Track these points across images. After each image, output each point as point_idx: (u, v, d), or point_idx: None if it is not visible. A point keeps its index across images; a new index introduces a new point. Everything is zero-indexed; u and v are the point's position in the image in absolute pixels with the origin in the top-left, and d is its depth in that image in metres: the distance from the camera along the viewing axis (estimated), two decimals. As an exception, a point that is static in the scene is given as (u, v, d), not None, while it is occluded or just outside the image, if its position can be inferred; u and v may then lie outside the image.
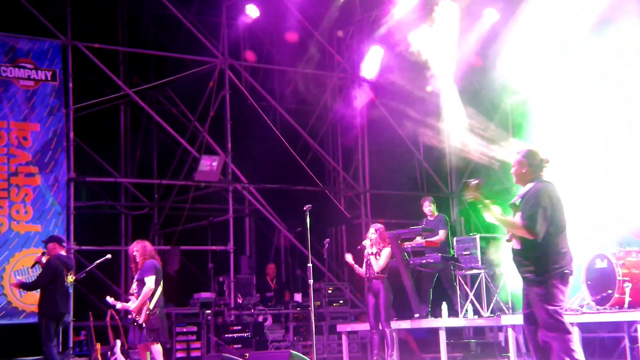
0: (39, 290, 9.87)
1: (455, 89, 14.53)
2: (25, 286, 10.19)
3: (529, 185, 6.14)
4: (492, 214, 6.11)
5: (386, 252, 9.97)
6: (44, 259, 10.00)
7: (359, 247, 10.15)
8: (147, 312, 9.52)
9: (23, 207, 11.69)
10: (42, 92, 12.11)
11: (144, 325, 9.56)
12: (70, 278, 9.92)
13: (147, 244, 9.83)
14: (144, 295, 9.61)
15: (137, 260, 9.75)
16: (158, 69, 15.16)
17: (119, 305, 10.12)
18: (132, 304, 9.73)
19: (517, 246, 6.10)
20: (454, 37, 13.83)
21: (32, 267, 10.31)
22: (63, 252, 10.01)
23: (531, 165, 6.19)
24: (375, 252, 9.98)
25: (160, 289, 9.79)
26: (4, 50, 11.93)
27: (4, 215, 11.54)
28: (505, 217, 6.15)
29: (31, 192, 11.78)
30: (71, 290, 10.07)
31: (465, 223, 15.63)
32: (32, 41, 12.20)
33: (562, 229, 6.07)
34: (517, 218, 6.08)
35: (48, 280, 9.75)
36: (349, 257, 10.19)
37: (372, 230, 10.15)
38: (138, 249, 9.76)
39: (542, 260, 5.97)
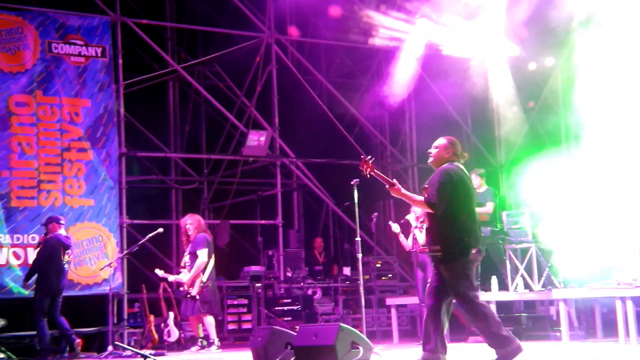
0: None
1: (504, 61, 14.35)
2: (28, 275, 10.18)
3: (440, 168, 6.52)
4: (395, 190, 6.41)
5: None
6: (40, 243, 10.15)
7: (402, 221, 10.14)
8: (201, 285, 9.68)
9: (76, 182, 11.88)
10: (93, 68, 12.23)
11: (197, 297, 9.71)
12: (67, 257, 10.03)
13: (201, 217, 9.97)
14: (197, 268, 9.76)
15: (190, 233, 9.89)
16: (205, 45, 15.25)
17: (171, 277, 10.30)
18: (185, 277, 9.89)
19: (428, 225, 6.49)
20: (501, 8, 13.64)
21: (35, 249, 10.41)
22: (62, 231, 10.12)
23: (454, 153, 6.54)
24: (420, 226, 9.96)
25: (212, 262, 9.93)
26: (54, 27, 12.06)
27: (58, 190, 11.73)
28: (407, 193, 6.49)
29: (83, 167, 11.96)
30: (67, 269, 10.13)
31: (515, 196, 15.48)
32: (82, 18, 12.31)
33: (467, 209, 6.38)
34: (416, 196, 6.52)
35: (44, 259, 9.88)
36: (395, 227, 10.15)
37: None
38: (192, 222, 9.90)
39: (449, 237, 6.29)
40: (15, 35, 11.78)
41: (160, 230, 10.55)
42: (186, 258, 10.14)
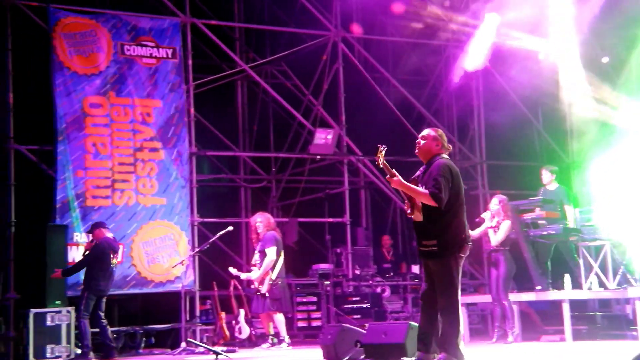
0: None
1: (577, 53, 14.05)
2: (69, 270, 10.22)
3: (431, 160, 6.40)
4: (395, 182, 6.28)
5: (505, 225, 9.81)
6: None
7: (476, 219, 10.02)
8: (270, 283, 9.77)
9: (148, 181, 12.08)
10: (163, 69, 12.44)
11: (267, 294, 9.81)
12: (115, 260, 10.05)
13: (270, 215, 10.06)
14: (266, 266, 9.85)
15: (260, 231, 9.98)
16: (273, 44, 15.37)
17: (243, 275, 10.43)
18: (255, 274, 10.00)
19: (420, 218, 6.30)
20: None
21: (83, 255, 10.48)
22: (109, 235, 10.16)
23: (442, 145, 6.50)
24: (495, 225, 9.84)
25: (281, 259, 10.00)
26: (126, 29, 12.31)
27: (131, 189, 11.95)
28: (410, 185, 6.31)
29: (155, 166, 12.16)
30: (115, 271, 10.17)
31: (587, 192, 15.15)
32: (153, 20, 12.55)
33: (463, 203, 6.37)
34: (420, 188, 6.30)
35: (91, 261, 9.89)
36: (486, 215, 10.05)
37: (495, 200, 9.99)
38: (262, 220, 10.00)
39: (446, 232, 6.23)
40: (89, 37, 12.05)
41: (230, 228, 10.68)
42: (256, 256, 10.24)
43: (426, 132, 6.62)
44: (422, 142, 6.55)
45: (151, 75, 12.35)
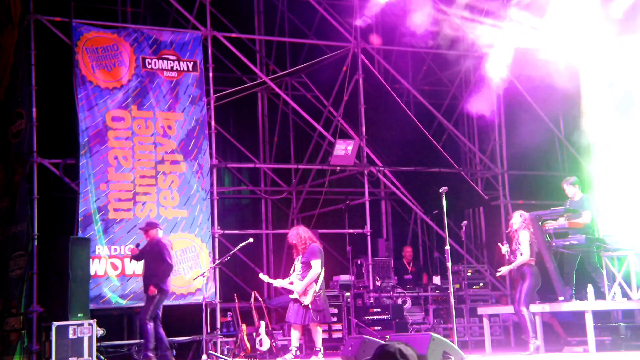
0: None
1: (599, 60, 13.95)
2: (161, 278, 10.35)
3: None
4: None
5: (524, 236, 9.88)
6: (138, 249, 10.46)
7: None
8: (314, 295, 9.78)
9: (170, 194, 12.13)
10: (185, 82, 12.51)
11: (310, 306, 9.80)
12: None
13: (302, 229, 10.08)
14: (310, 278, 9.84)
15: (297, 244, 10.04)
16: (293, 56, 15.44)
17: (276, 283, 10.39)
18: (297, 286, 9.98)
19: None
20: (594, 7, 13.30)
21: (130, 261, 10.68)
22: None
23: None
24: (517, 247, 9.91)
25: (323, 271, 10.00)
26: (148, 43, 12.39)
27: (153, 201, 12.02)
28: None
29: (177, 178, 12.22)
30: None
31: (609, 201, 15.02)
32: (175, 33, 12.62)
33: None
34: None
35: (166, 260, 10.20)
36: (505, 249, 10.21)
37: (517, 215, 10.07)
38: (293, 237, 10.05)
39: None
40: (111, 52, 12.15)
41: (251, 240, 10.71)
42: (298, 266, 10.15)
43: None
44: None
45: (173, 89, 12.43)
